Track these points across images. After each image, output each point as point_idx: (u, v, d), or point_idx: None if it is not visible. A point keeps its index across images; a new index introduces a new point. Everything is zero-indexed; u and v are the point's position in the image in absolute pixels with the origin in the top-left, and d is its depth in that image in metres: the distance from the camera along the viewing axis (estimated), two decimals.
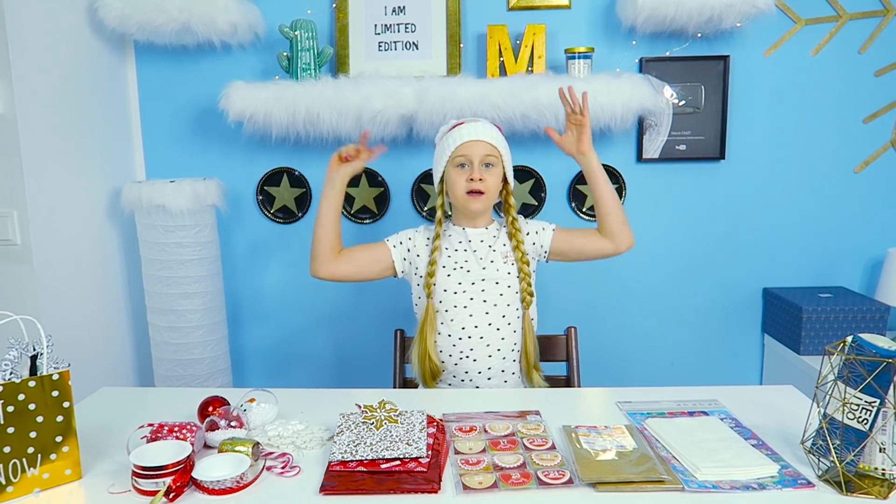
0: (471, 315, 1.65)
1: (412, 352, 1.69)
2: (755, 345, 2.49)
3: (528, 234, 1.71)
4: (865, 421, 1.03)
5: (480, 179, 1.61)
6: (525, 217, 1.81)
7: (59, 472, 1.11)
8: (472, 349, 1.65)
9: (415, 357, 1.67)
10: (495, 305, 1.65)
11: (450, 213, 1.76)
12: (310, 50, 2.19)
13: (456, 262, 1.67)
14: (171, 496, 1.04)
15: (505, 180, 1.69)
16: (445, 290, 1.66)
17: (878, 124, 2.34)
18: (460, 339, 1.65)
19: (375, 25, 2.30)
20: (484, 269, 1.66)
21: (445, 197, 1.71)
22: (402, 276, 1.73)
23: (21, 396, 1.07)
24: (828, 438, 1.07)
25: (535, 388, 1.69)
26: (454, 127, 1.67)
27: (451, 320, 1.65)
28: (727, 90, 2.29)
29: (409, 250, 1.72)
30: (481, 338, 1.65)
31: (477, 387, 1.67)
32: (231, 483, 1.06)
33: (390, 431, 1.19)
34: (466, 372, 1.66)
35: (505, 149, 1.67)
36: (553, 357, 1.80)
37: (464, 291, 1.65)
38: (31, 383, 1.08)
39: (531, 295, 1.68)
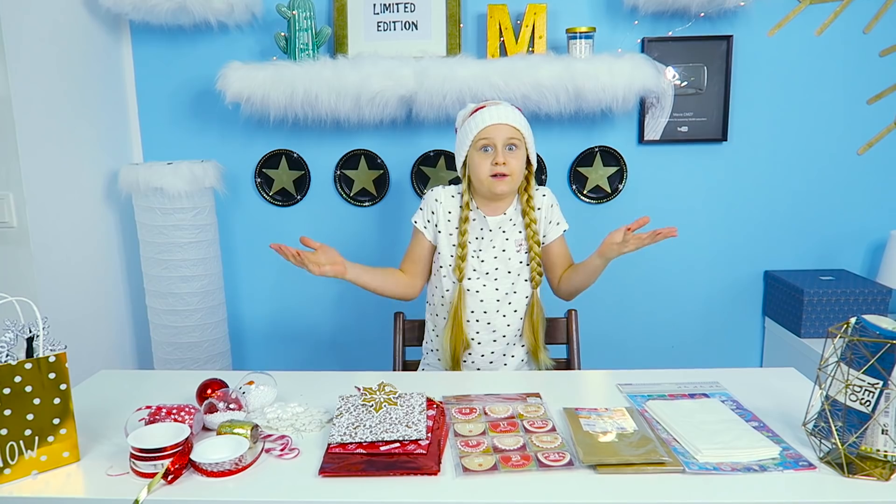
0: (482, 301, 1.66)
1: (443, 333, 1.68)
2: (756, 328, 2.49)
3: (540, 208, 1.68)
4: (868, 403, 1.02)
5: (504, 163, 1.58)
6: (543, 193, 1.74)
7: (56, 455, 1.11)
8: (478, 332, 1.66)
9: (445, 338, 1.66)
10: (506, 294, 1.66)
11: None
12: (308, 30, 2.16)
13: (473, 251, 1.67)
14: (169, 478, 1.04)
15: (528, 161, 1.67)
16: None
17: (881, 106, 2.31)
18: (468, 321, 1.66)
19: (374, 5, 2.27)
20: (496, 258, 1.66)
21: (469, 181, 1.67)
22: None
23: (17, 378, 1.06)
24: (830, 420, 1.06)
25: (541, 369, 1.69)
26: (476, 110, 1.63)
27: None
28: (730, 71, 2.27)
29: (435, 225, 1.69)
30: (488, 323, 1.66)
31: (478, 369, 1.67)
32: (230, 465, 1.06)
33: (389, 414, 1.19)
34: (470, 354, 1.67)
35: (528, 130, 1.64)
36: (554, 340, 1.80)
37: (477, 279, 1.66)
38: (28, 365, 1.07)
39: (540, 275, 1.68)
